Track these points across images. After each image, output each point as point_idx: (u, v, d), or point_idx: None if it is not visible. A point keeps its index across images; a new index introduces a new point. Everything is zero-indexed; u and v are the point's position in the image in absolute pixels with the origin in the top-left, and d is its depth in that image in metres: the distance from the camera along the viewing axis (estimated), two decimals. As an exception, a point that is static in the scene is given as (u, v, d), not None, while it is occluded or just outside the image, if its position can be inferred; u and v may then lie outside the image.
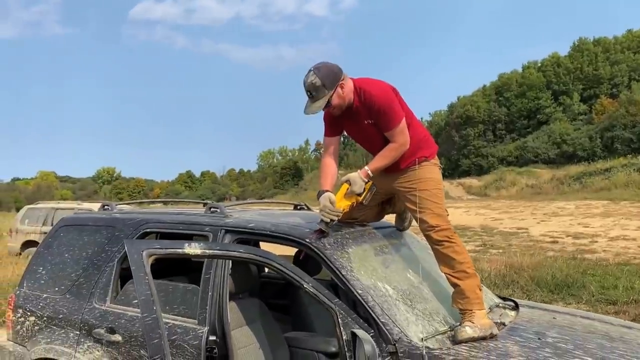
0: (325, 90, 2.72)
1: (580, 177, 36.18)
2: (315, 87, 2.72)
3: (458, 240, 2.78)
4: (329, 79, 2.72)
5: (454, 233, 2.78)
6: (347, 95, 2.78)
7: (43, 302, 3.44)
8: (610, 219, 18.11)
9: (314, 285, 2.38)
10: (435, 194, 2.83)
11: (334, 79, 2.73)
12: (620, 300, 7.12)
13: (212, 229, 2.99)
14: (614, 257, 10.95)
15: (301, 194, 52.14)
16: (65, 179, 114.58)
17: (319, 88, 2.72)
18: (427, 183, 2.84)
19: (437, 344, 2.43)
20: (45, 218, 13.24)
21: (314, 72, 2.74)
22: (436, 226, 2.75)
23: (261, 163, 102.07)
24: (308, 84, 2.73)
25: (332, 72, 2.75)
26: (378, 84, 2.82)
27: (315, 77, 2.72)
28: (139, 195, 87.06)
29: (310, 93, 2.75)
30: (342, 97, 2.77)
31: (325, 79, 2.71)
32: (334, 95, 2.74)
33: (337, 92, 2.75)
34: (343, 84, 2.76)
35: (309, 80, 2.73)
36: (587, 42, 57.20)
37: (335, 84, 2.73)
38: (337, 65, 2.80)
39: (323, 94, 2.73)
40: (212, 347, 2.66)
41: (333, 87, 2.73)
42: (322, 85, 2.71)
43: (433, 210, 2.78)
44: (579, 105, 54.19)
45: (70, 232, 3.63)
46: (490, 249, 12.98)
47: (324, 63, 2.80)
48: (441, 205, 2.82)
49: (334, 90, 2.73)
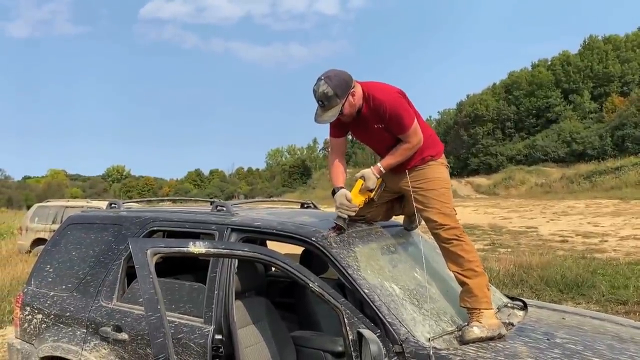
0: (337, 99, 2.67)
1: (590, 175, 35.93)
2: (327, 97, 2.67)
3: (467, 238, 2.76)
4: (340, 88, 2.67)
5: (462, 232, 2.77)
6: (358, 102, 2.75)
7: (50, 299, 3.45)
8: (620, 218, 17.95)
9: (319, 285, 2.37)
10: (443, 193, 2.82)
11: (345, 88, 2.68)
12: (631, 300, 7.06)
13: (218, 227, 2.99)
14: (625, 256, 10.85)
15: (309, 192, 52.16)
16: (76, 177, 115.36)
17: (331, 97, 2.67)
18: (434, 182, 2.83)
19: (445, 344, 2.41)
20: (55, 216, 13.32)
21: (325, 82, 2.67)
22: (445, 225, 2.73)
23: (270, 161, 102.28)
24: (320, 93, 2.68)
25: (344, 80, 2.69)
26: (386, 89, 2.80)
27: (327, 87, 2.65)
28: (148, 193, 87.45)
29: (322, 102, 2.70)
30: (353, 105, 2.74)
31: (337, 89, 2.66)
32: (346, 104, 2.71)
33: (349, 101, 2.71)
34: (354, 92, 2.72)
35: (320, 89, 2.67)
36: (597, 40, 56.68)
37: (347, 93, 2.69)
38: (347, 73, 2.75)
39: (335, 103, 2.68)
40: (218, 346, 2.65)
41: (345, 95, 2.68)
42: (335, 95, 2.66)
43: (440, 209, 2.77)
44: (590, 104, 53.73)
45: (78, 230, 3.64)
46: (499, 248, 12.90)
47: (335, 71, 2.74)
48: (449, 204, 2.81)
49: (345, 99, 2.69)
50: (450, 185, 2.93)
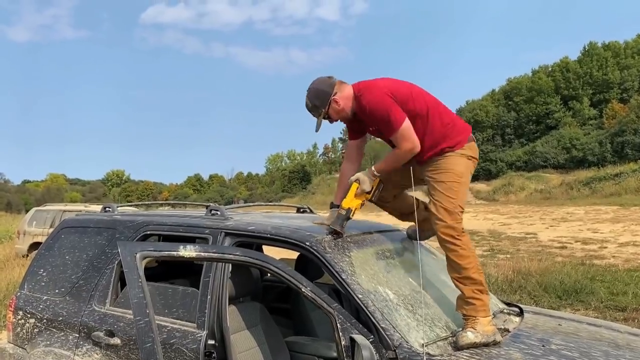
0: (318, 109, 2.82)
1: (589, 182, 35.90)
2: (310, 109, 2.85)
3: (464, 242, 2.66)
4: (318, 99, 2.80)
5: (461, 233, 2.67)
6: (346, 105, 2.81)
7: (43, 304, 3.42)
8: (620, 224, 17.93)
9: (312, 289, 2.33)
10: (451, 187, 2.71)
11: (324, 97, 2.79)
12: (630, 307, 7.02)
13: (212, 231, 2.96)
14: (624, 263, 10.82)
15: (309, 197, 52.14)
16: (75, 182, 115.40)
17: (312, 109, 2.84)
18: (445, 175, 2.74)
19: (439, 350, 2.38)
20: (53, 220, 13.28)
21: (307, 95, 2.85)
22: (442, 221, 2.66)
23: (269, 166, 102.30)
24: (306, 106, 2.87)
25: (321, 90, 2.80)
26: (374, 88, 2.76)
27: (307, 99, 2.84)
28: (147, 198, 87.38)
29: (312, 114, 2.87)
30: (339, 110, 2.83)
31: (314, 100, 2.81)
32: (330, 110, 2.82)
33: (333, 108, 2.81)
34: (336, 99, 2.79)
35: (305, 102, 2.86)
36: (597, 46, 56.77)
37: (327, 101, 2.79)
38: (327, 81, 2.83)
39: (319, 113, 2.83)
40: (210, 352, 2.63)
41: (325, 104, 2.79)
42: (314, 106, 2.82)
43: (443, 204, 2.68)
44: (589, 110, 53.79)
45: (72, 234, 3.61)
46: (498, 254, 12.87)
47: (314, 82, 2.86)
48: (455, 199, 2.69)
49: (327, 107, 2.80)
50: (464, 179, 2.77)
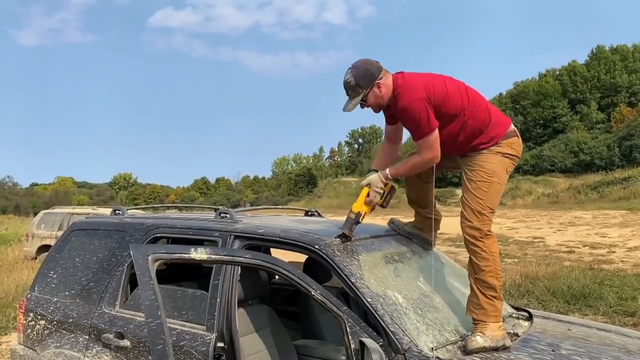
0: (359, 89, 2.67)
1: (597, 186, 35.67)
2: (350, 86, 2.69)
3: (487, 245, 2.61)
4: (364, 78, 2.65)
5: (485, 235, 2.61)
6: (386, 94, 2.69)
7: (53, 306, 3.44)
8: (628, 229, 17.80)
9: (321, 293, 2.34)
10: (480, 186, 2.65)
11: (370, 78, 2.65)
12: (639, 312, 6.97)
13: (222, 234, 2.98)
14: (632, 267, 10.73)
15: (315, 201, 52.10)
16: (83, 185, 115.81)
17: (353, 87, 2.68)
18: (476, 173, 2.69)
19: (448, 354, 2.38)
20: (61, 223, 13.35)
21: (350, 71, 2.69)
22: (468, 221, 2.63)
23: (276, 170, 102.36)
24: (345, 82, 2.70)
25: (369, 71, 2.67)
26: (413, 91, 2.62)
27: (351, 76, 2.67)
28: (154, 201, 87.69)
29: (347, 91, 2.71)
30: (379, 97, 2.69)
31: (359, 78, 2.66)
32: (370, 94, 2.68)
33: (374, 92, 2.68)
34: (380, 84, 2.67)
35: (345, 78, 2.69)
36: (605, 50, 56.57)
37: (371, 83, 2.66)
38: (376, 64, 2.71)
39: (357, 93, 2.68)
40: (219, 354, 2.63)
41: (369, 86, 2.66)
42: (357, 85, 2.66)
43: (470, 203, 2.64)
44: (597, 114, 53.57)
45: (82, 237, 3.64)
46: (506, 259, 12.80)
47: (363, 60, 2.72)
48: (483, 200, 2.63)
49: (369, 90, 2.67)
50: (495, 178, 2.67)
